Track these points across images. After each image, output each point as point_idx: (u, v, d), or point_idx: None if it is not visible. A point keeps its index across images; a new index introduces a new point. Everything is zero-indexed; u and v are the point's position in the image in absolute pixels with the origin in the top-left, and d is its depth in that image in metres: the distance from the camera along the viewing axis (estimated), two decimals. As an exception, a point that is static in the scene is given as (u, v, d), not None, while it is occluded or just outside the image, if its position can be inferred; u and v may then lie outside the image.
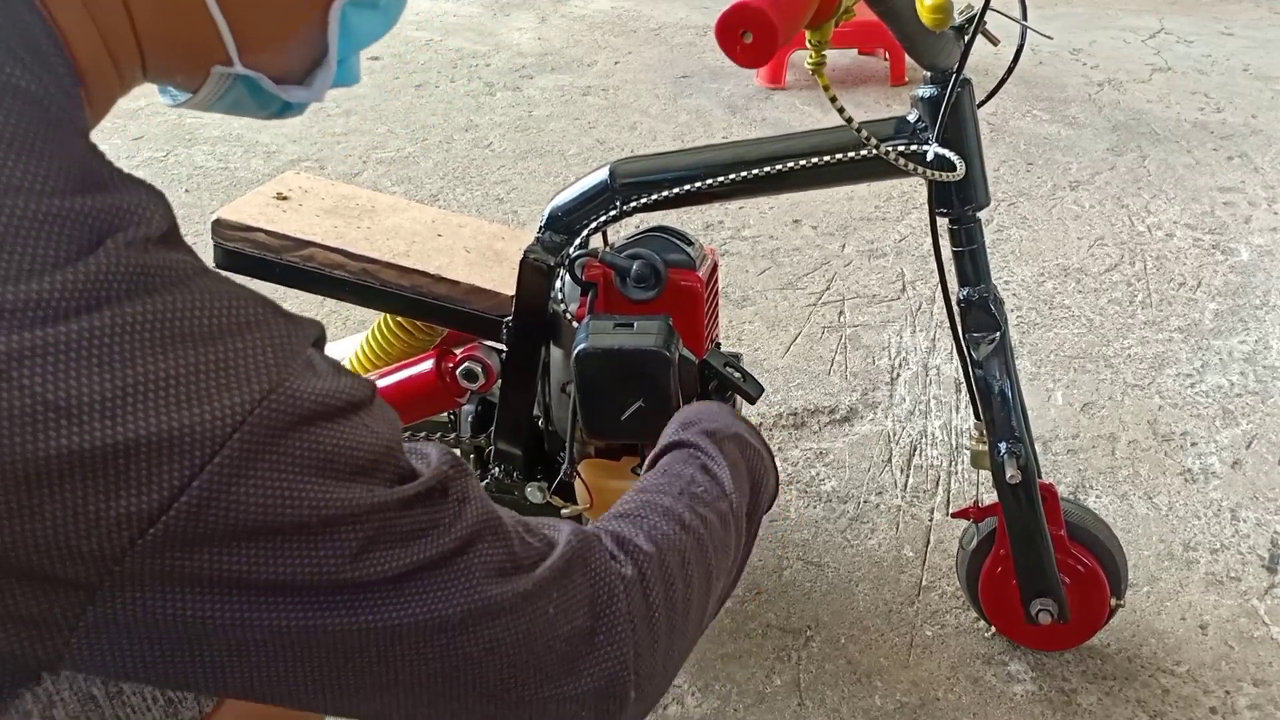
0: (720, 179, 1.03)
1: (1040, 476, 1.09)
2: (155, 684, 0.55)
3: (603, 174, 1.06)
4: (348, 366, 0.73)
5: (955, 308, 1.06)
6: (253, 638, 0.50)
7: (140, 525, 0.46)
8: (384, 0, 0.63)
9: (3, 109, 0.46)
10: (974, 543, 1.18)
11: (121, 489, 0.45)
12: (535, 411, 1.15)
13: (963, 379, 1.10)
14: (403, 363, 1.25)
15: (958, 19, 0.90)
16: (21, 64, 0.48)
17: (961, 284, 1.04)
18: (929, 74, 0.98)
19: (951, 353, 1.77)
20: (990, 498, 1.13)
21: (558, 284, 1.07)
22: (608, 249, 1.07)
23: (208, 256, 0.96)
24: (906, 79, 3.05)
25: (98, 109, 0.55)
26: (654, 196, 1.05)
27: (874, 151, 0.96)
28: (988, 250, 1.04)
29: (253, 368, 0.49)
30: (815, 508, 1.46)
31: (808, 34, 0.84)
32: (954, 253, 1.04)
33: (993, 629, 1.22)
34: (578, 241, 1.06)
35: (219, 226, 1.15)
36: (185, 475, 0.46)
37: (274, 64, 0.61)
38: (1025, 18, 0.94)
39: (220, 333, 0.48)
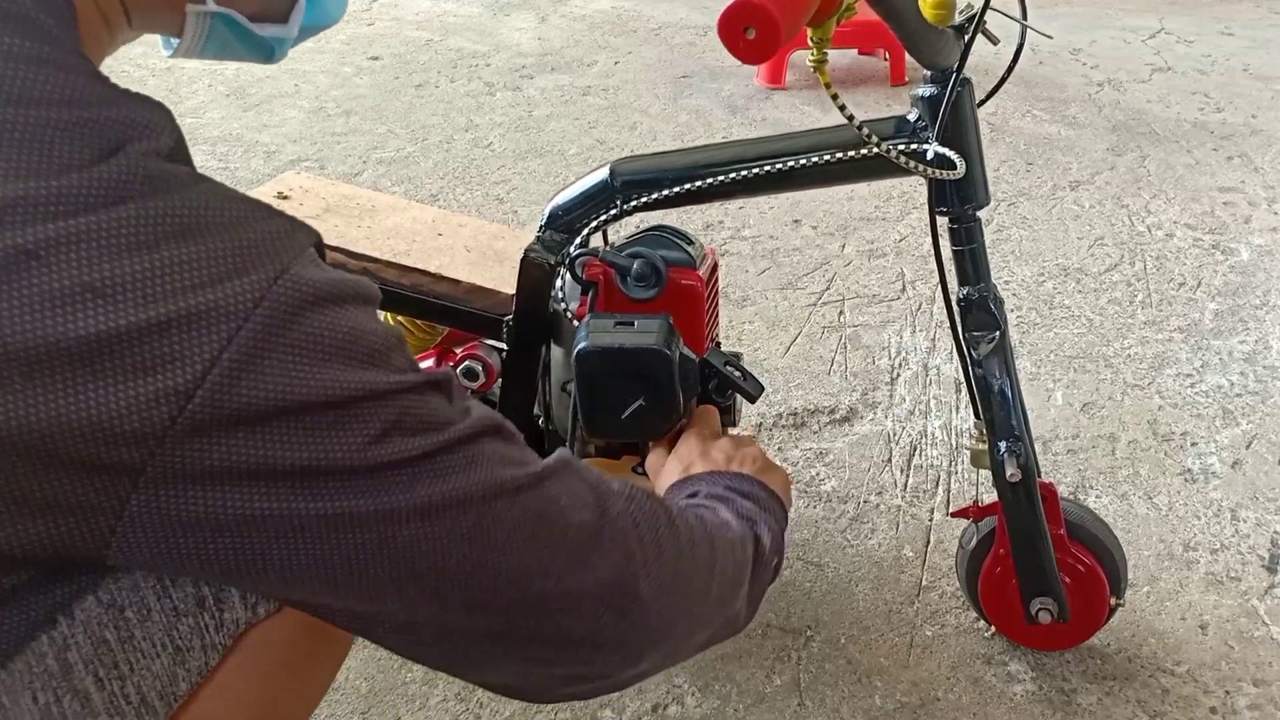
0: (721, 178, 1.03)
1: (1040, 476, 1.09)
2: (196, 577, 0.58)
3: (603, 173, 1.06)
4: None
5: (955, 307, 1.06)
6: (290, 527, 0.52)
7: (178, 401, 0.48)
8: None
9: (17, 31, 0.50)
10: (974, 542, 1.18)
11: (157, 365, 0.48)
12: (535, 410, 1.15)
13: (963, 379, 1.10)
14: (403, 362, 1.25)
15: (958, 18, 0.90)
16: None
17: (961, 283, 1.04)
18: (929, 73, 0.98)
19: (951, 353, 1.77)
20: (990, 497, 1.13)
21: (558, 283, 1.07)
22: (608, 248, 1.07)
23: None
24: (906, 79, 3.05)
25: (91, 56, 0.57)
26: (654, 195, 1.05)
27: (875, 150, 0.96)
28: (988, 250, 1.04)
29: (264, 253, 0.52)
30: (815, 508, 1.46)
31: (809, 31, 0.84)
32: (954, 252, 1.03)
33: (993, 629, 1.22)
34: (578, 240, 1.06)
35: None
36: (215, 348, 0.49)
37: (246, 0, 0.64)
38: (1025, 17, 0.94)
39: (230, 224, 0.52)
